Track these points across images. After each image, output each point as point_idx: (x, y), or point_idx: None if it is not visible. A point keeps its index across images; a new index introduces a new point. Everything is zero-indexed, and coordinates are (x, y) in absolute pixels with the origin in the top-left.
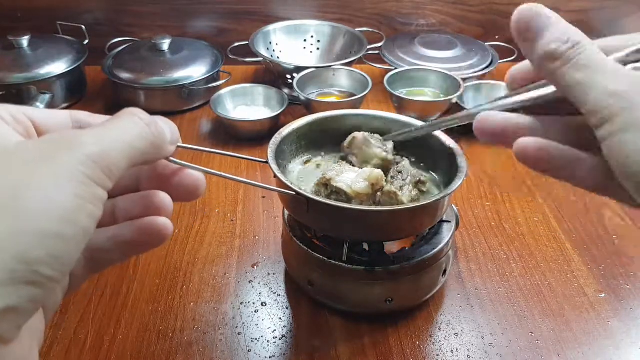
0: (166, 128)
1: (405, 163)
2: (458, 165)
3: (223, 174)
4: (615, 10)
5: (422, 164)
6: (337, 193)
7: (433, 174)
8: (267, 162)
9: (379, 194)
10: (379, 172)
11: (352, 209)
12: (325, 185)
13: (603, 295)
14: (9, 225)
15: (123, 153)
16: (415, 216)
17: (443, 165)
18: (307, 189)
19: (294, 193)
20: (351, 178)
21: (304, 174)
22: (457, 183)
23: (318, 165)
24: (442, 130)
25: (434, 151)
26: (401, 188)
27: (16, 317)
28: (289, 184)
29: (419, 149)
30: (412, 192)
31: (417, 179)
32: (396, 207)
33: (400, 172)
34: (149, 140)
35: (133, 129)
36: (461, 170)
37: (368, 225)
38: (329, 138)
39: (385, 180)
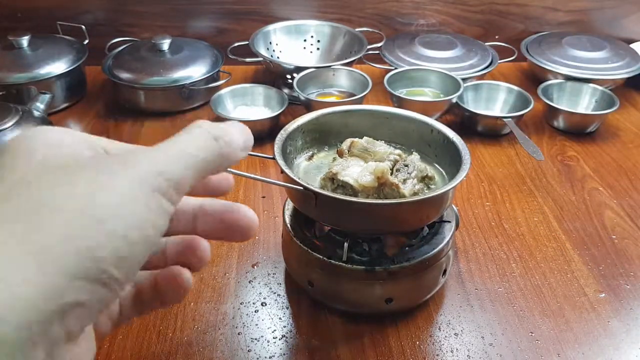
0: (239, 137)
1: (413, 157)
2: (461, 158)
3: (246, 174)
4: (615, 10)
5: (427, 158)
6: (343, 187)
7: (438, 167)
8: (273, 158)
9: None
10: (385, 165)
11: (360, 202)
12: (331, 179)
13: (603, 295)
14: (82, 224)
15: (190, 167)
16: (421, 209)
17: (447, 158)
18: (313, 183)
19: (301, 188)
20: (357, 172)
21: (310, 169)
22: (462, 175)
23: (334, 159)
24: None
25: (437, 144)
26: (404, 181)
27: (82, 314)
28: (297, 179)
29: (423, 143)
30: (416, 185)
31: (425, 174)
32: (402, 200)
33: (406, 165)
34: (216, 152)
35: (199, 143)
36: (465, 162)
37: (375, 218)
38: (333, 134)
39: (391, 172)
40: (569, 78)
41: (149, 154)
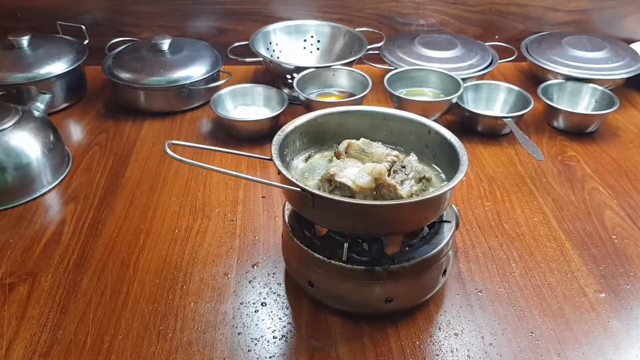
0: None
1: (411, 158)
2: (459, 159)
3: (230, 171)
4: (615, 10)
5: (425, 159)
6: (341, 188)
7: (437, 168)
8: (271, 159)
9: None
10: (382, 166)
11: (357, 203)
12: (329, 180)
13: (603, 295)
14: None
15: None
16: (419, 210)
17: (445, 159)
18: (311, 184)
19: (299, 189)
20: (354, 173)
21: (308, 170)
22: (459, 177)
23: (330, 160)
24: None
25: (435, 145)
26: (402, 182)
27: None
28: (294, 181)
29: (421, 144)
30: (414, 187)
31: (422, 175)
32: (400, 201)
33: (404, 166)
34: None
35: None
36: (462, 163)
37: (373, 219)
38: (330, 135)
39: (388, 173)
40: (569, 78)
41: None
